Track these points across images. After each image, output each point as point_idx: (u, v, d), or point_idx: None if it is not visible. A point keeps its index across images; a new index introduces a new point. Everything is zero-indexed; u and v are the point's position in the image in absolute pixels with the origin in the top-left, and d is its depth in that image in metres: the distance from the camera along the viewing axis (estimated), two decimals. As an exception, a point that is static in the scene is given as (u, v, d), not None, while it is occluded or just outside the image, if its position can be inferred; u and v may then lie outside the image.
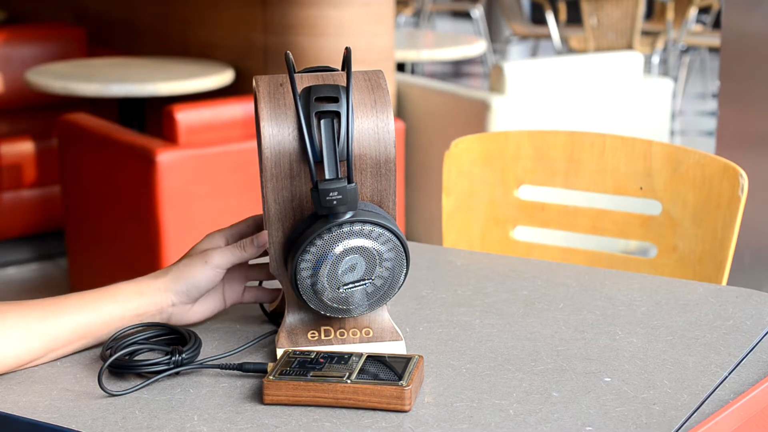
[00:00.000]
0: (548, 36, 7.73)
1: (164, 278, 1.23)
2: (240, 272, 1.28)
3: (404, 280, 1.18)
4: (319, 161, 1.14)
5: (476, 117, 3.85)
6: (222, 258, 1.23)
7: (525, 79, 3.89)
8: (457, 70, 9.42)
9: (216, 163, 3.51)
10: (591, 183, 1.81)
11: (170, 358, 1.15)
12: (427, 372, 1.16)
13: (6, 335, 1.15)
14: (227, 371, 1.16)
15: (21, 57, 4.97)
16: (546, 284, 1.44)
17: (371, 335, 1.21)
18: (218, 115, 3.56)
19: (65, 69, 4.29)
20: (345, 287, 1.15)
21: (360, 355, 1.13)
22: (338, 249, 1.13)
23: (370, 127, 1.17)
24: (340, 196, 1.12)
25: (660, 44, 7.35)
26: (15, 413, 1.08)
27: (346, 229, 1.13)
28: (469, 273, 1.50)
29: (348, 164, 1.13)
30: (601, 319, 1.32)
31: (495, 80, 3.89)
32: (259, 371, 1.15)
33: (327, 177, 1.14)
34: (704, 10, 8.66)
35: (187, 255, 1.25)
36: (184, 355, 1.15)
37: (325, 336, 1.20)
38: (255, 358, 1.20)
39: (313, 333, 1.20)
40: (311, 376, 1.09)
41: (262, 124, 1.16)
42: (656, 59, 7.35)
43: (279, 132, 1.16)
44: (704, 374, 1.15)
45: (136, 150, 3.47)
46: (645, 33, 7.54)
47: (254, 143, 3.45)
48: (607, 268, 1.60)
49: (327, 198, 1.12)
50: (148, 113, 4.33)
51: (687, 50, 7.72)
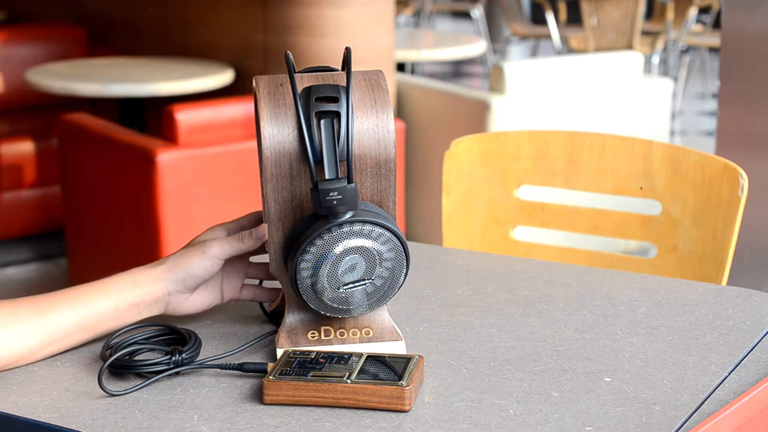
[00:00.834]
0: (548, 36, 7.73)
1: (160, 267, 1.22)
2: (239, 268, 1.28)
3: (404, 280, 1.18)
4: (319, 161, 1.14)
5: (476, 117, 3.85)
6: (220, 248, 1.23)
7: (525, 79, 3.89)
8: (457, 70, 9.42)
9: (216, 163, 3.51)
10: (591, 183, 1.81)
11: (170, 358, 1.15)
12: (427, 372, 1.16)
13: (0, 332, 1.15)
14: (227, 371, 1.16)
15: (21, 57, 4.97)
16: (546, 284, 1.44)
17: (371, 335, 1.21)
18: (218, 115, 3.56)
19: (65, 69, 4.29)
20: (345, 287, 1.15)
21: (360, 355, 1.13)
22: (338, 249, 1.13)
23: (370, 127, 1.17)
24: (340, 196, 1.12)
25: (660, 44, 7.35)
26: (15, 413, 1.08)
27: (346, 229, 1.13)
28: (469, 273, 1.50)
29: (348, 164, 1.13)
30: (601, 319, 1.32)
31: (495, 80, 3.89)
32: (259, 371, 1.15)
33: (327, 177, 1.14)
34: (704, 10, 8.66)
35: (187, 245, 1.25)
36: (184, 355, 1.16)
37: (325, 336, 1.20)
38: (255, 358, 1.20)
39: (313, 333, 1.20)
40: (311, 376, 1.09)
41: (262, 124, 1.16)
42: (656, 59, 7.35)
43: (279, 132, 1.16)
44: (704, 374, 1.15)
45: (136, 150, 3.47)
46: (645, 33, 7.54)
47: (254, 143, 3.45)
48: (607, 268, 1.60)
49: (327, 198, 1.12)
50: (148, 113, 4.33)
51: (687, 50, 7.72)
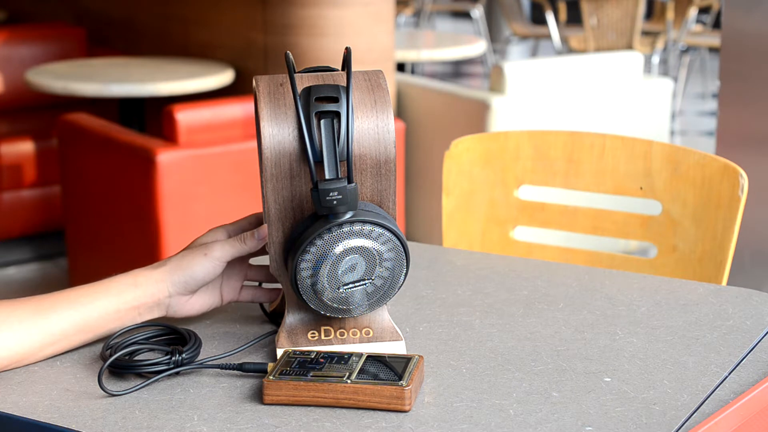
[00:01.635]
0: (548, 36, 7.72)
1: (162, 269, 1.22)
2: (239, 270, 1.28)
3: (404, 280, 1.18)
4: (319, 161, 1.14)
5: (476, 117, 3.85)
6: (222, 251, 1.23)
7: (525, 79, 3.89)
8: (457, 70, 9.41)
9: (216, 163, 3.51)
10: (591, 183, 1.81)
11: (170, 358, 1.15)
12: (427, 372, 1.16)
13: (0, 332, 1.15)
14: (227, 371, 1.16)
15: (21, 57, 4.97)
16: (546, 284, 1.44)
17: (371, 335, 1.21)
18: (218, 115, 3.56)
19: (65, 69, 4.29)
20: (345, 287, 1.15)
21: (360, 355, 1.13)
22: (338, 249, 1.13)
23: (370, 127, 1.17)
24: (340, 196, 1.12)
25: (660, 44, 7.35)
26: (15, 413, 1.08)
27: (346, 229, 1.13)
28: (469, 273, 1.50)
29: (348, 164, 1.13)
30: (601, 319, 1.32)
31: (495, 80, 3.89)
32: (259, 371, 1.15)
33: (327, 177, 1.14)
34: (704, 10, 8.66)
35: (188, 247, 1.25)
36: (184, 355, 1.15)
37: (325, 336, 1.20)
38: (255, 358, 1.20)
39: (313, 333, 1.20)
40: (311, 376, 1.09)
41: (263, 124, 1.16)
42: (656, 59, 7.35)
43: (279, 132, 1.16)
44: (704, 374, 1.15)
45: (136, 150, 3.47)
46: (645, 33, 7.53)
47: (254, 143, 3.45)
48: (607, 268, 1.60)
49: (327, 198, 1.12)
50: (148, 113, 4.33)
51: (687, 50, 7.72)
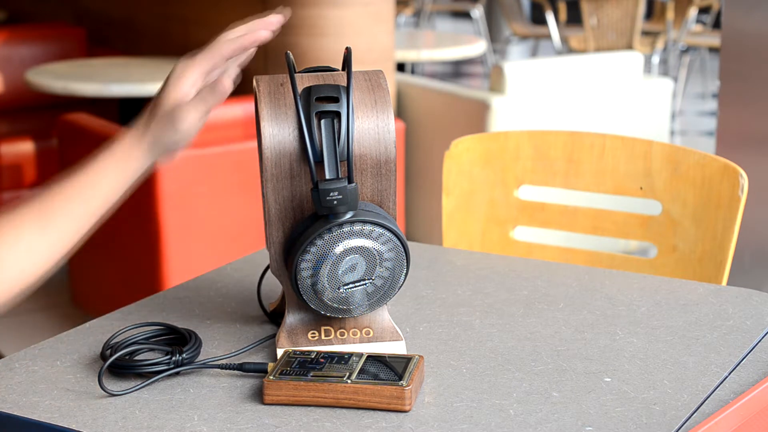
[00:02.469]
0: (548, 36, 7.72)
1: (140, 148, 1.16)
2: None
3: (404, 280, 1.18)
4: (320, 161, 1.14)
5: (476, 117, 3.84)
6: (188, 121, 1.15)
7: (525, 79, 3.89)
8: (457, 70, 9.41)
9: (216, 163, 3.51)
10: (591, 183, 1.81)
11: (170, 358, 1.15)
12: (427, 372, 1.16)
13: (6, 255, 1.11)
14: (227, 371, 1.16)
15: (21, 57, 4.97)
16: (546, 284, 1.44)
17: (371, 335, 1.21)
18: (218, 115, 3.56)
19: (65, 69, 4.29)
20: (345, 287, 1.15)
21: (360, 355, 1.13)
22: (338, 249, 1.13)
23: (371, 127, 1.17)
24: (341, 196, 1.12)
25: (660, 44, 7.35)
26: (15, 413, 1.08)
27: (347, 229, 1.13)
28: (469, 273, 1.50)
29: (348, 164, 1.13)
30: (601, 319, 1.32)
31: (495, 80, 3.89)
32: (260, 371, 1.15)
33: (327, 177, 1.14)
34: (704, 10, 8.66)
35: (159, 100, 1.18)
36: (185, 355, 1.16)
37: (326, 336, 1.20)
38: (255, 358, 1.20)
39: (314, 333, 1.20)
40: (311, 376, 1.09)
41: (263, 124, 1.16)
42: (656, 59, 7.35)
43: (279, 132, 1.16)
44: (704, 374, 1.15)
45: (136, 150, 3.46)
46: (645, 33, 7.53)
47: (254, 143, 3.45)
48: (607, 268, 1.60)
49: (327, 198, 1.12)
50: (148, 113, 4.32)
51: (687, 50, 7.72)
